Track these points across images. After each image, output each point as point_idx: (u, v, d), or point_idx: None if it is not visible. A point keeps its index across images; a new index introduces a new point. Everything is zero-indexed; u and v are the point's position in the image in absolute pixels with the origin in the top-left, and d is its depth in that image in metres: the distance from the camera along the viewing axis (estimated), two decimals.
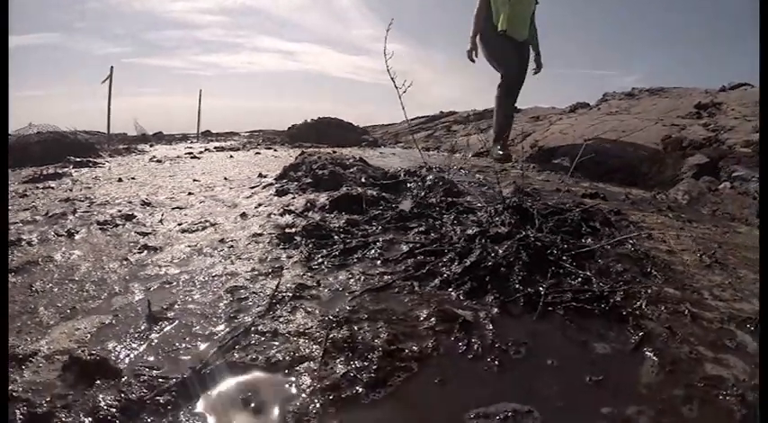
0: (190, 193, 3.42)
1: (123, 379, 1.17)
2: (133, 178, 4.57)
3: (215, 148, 8.63)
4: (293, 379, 1.17)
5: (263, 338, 1.34)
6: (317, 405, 1.07)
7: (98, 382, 1.15)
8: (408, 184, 3.15)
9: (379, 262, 1.86)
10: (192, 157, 6.71)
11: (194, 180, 4.22)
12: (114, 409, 1.05)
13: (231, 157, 6.71)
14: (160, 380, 1.16)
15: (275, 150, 8.02)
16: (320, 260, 1.88)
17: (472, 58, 5.61)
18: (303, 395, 1.10)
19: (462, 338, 1.32)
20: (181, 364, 1.24)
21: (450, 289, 1.61)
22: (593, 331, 1.38)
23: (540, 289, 1.56)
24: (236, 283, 1.71)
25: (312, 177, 3.13)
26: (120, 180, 4.45)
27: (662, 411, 1.06)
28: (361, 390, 1.11)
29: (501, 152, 5.56)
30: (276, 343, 1.32)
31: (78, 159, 6.35)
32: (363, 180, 3.11)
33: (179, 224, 2.56)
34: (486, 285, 1.60)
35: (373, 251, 1.94)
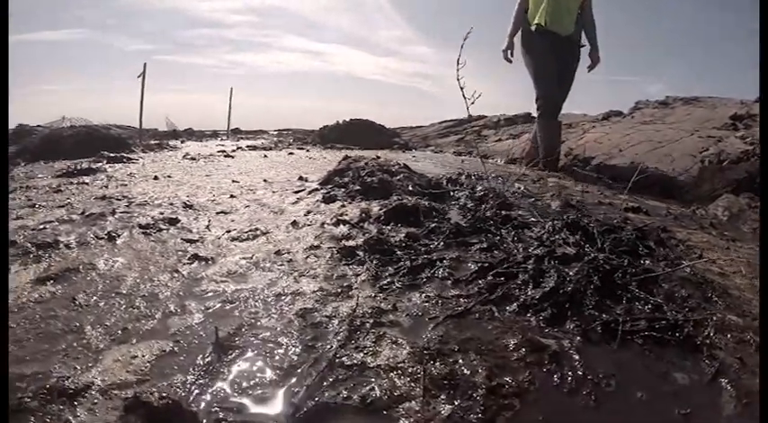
0: (232, 196, 3.33)
1: None
2: (169, 176, 4.51)
3: (247, 146, 8.63)
4: (395, 419, 1.08)
5: (351, 373, 1.23)
6: None
7: None
8: (452, 193, 3.08)
9: (449, 282, 1.76)
10: (225, 156, 6.66)
11: (233, 181, 4.15)
12: None
13: (265, 156, 6.64)
14: None
15: (308, 151, 7.95)
16: (389, 279, 1.78)
17: (508, 58, 5.32)
18: None
19: (555, 371, 1.26)
20: (267, 406, 1.13)
21: (529, 314, 1.55)
22: (671, 361, 1.35)
23: (615, 316, 1.52)
24: (304, 304, 1.60)
25: (361, 185, 3.03)
26: (155, 178, 4.38)
27: None
28: None
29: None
30: (367, 379, 1.21)
31: (112, 154, 6.30)
32: (411, 188, 3.03)
33: (227, 231, 2.45)
34: (566, 312, 1.55)
35: (441, 270, 1.85)
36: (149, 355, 1.33)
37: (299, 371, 1.25)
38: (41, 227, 2.57)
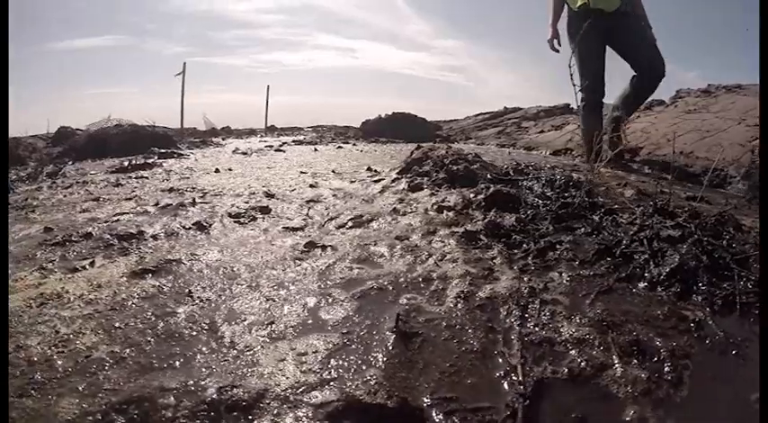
0: (311, 186, 3.33)
1: (436, 420, 0.99)
2: (230, 169, 4.53)
3: (293, 141, 8.77)
4: (608, 387, 1.11)
5: (545, 349, 1.24)
6: (648, 410, 1.03)
7: None
8: (521, 183, 2.99)
9: (576, 263, 1.80)
10: (276, 150, 6.71)
11: (301, 172, 4.13)
12: None
13: (316, 150, 6.70)
14: (487, 416, 1.01)
15: (354, 145, 8.01)
16: (522, 261, 1.81)
17: (554, 48, 4.95)
18: (628, 402, 1.06)
19: (704, 337, 1.33)
20: (487, 390, 1.09)
21: (660, 290, 1.62)
22: None
23: (730, 290, 1.58)
24: (459, 287, 1.57)
25: (446, 173, 3.02)
26: (217, 171, 4.41)
27: None
28: (670, 391, 1.11)
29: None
30: (563, 352, 1.23)
31: (162, 151, 6.41)
32: (490, 177, 3.00)
33: (330, 219, 2.43)
34: (691, 287, 1.63)
35: (564, 252, 1.89)
36: (322, 350, 1.21)
37: (495, 352, 1.23)
38: (115, 219, 2.51)
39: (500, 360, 1.18)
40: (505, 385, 1.09)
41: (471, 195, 2.55)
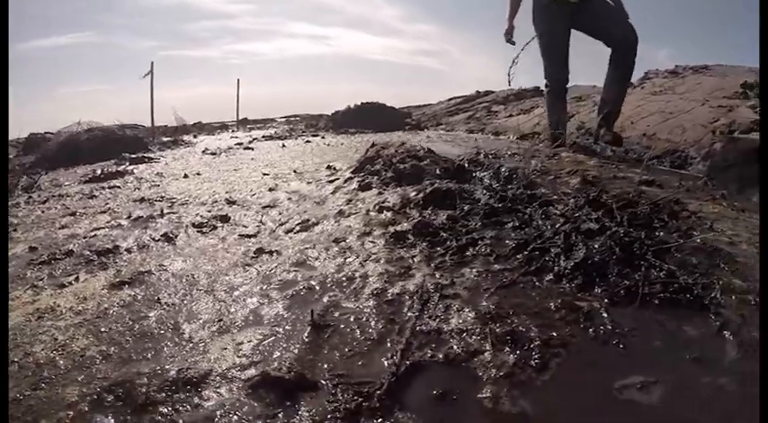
0: (270, 190, 3.54)
1: (326, 390, 1.26)
2: (198, 174, 4.72)
3: (263, 137, 8.87)
4: (475, 370, 1.32)
5: (431, 337, 1.47)
6: (504, 390, 1.23)
7: (301, 395, 1.24)
8: (474, 174, 3.24)
9: (492, 258, 1.99)
10: (245, 149, 6.90)
11: (264, 174, 4.34)
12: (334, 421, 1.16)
13: (284, 146, 6.89)
14: (367, 387, 1.26)
15: (323, 137, 8.22)
16: (440, 259, 2.01)
17: (511, 42, 5.08)
18: (489, 383, 1.26)
19: (590, 327, 1.50)
20: (372, 368, 1.35)
21: (564, 282, 1.78)
22: (683, 317, 1.56)
23: (635, 282, 1.72)
24: (375, 285, 1.81)
25: (393, 171, 3.23)
26: (185, 176, 4.60)
27: (745, 381, 1.26)
28: (532, 374, 1.29)
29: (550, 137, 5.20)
30: (446, 340, 1.45)
31: (133, 156, 6.58)
32: (438, 172, 3.21)
33: (280, 224, 2.66)
34: (594, 279, 1.77)
35: (484, 248, 2.07)
36: (255, 340, 1.51)
37: (388, 339, 1.48)
38: (93, 234, 2.74)
39: (389, 346, 1.43)
40: (386, 365, 1.34)
41: (412, 194, 2.73)
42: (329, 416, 1.16)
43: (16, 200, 4.17)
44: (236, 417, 1.17)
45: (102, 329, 1.64)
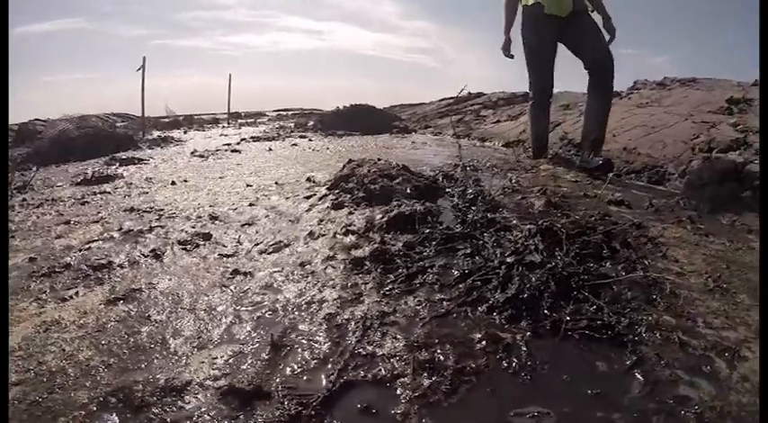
0: (251, 205, 3.78)
1: (277, 399, 1.56)
2: (185, 181, 4.97)
3: (251, 138, 9.13)
4: (396, 390, 1.59)
5: (366, 360, 1.74)
6: (415, 408, 1.51)
7: (257, 403, 1.55)
8: (447, 190, 3.53)
9: (437, 287, 2.19)
10: (232, 151, 7.20)
11: (247, 185, 4.58)
12: None
13: (270, 150, 7.22)
14: (307, 399, 1.55)
15: (310, 140, 8.54)
16: (390, 286, 2.23)
17: (509, 55, 5.07)
18: (404, 402, 1.54)
19: (505, 358, 1.70)
20: (314, 384, 1.64)
21: (495, 314, 1.96)
22: (600, 353, 1.70)
23: (562, 316, 1.85)
24: (329, 310, 2.07)
25: (364, 191, 3.44)
26: (173, 183, 4.85)
27: (638, 419, 1.41)
28: (441, 397, 1.55)
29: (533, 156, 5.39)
30: (377, 363, 1.72)
31: (123, 156, 6.84)
32: (409, 191, 3.42)
33: (256, 244, 2.91)
34: (523, 312, 1.94)
35: (431, 276, 2.27)
36: (226, 356, 1.78)
37: (331, 360, 1.77)
38: (87, 246, 2.97)
39: (331, 366, 1.72)
40: (325, 382, 1.63)
41: (378, 216, 2.94)
42: (276, 419, 1.47)
43: (11, 202, 4.35)
44: (208, 417, 1.50)
45: (103, 342, 1.90)
